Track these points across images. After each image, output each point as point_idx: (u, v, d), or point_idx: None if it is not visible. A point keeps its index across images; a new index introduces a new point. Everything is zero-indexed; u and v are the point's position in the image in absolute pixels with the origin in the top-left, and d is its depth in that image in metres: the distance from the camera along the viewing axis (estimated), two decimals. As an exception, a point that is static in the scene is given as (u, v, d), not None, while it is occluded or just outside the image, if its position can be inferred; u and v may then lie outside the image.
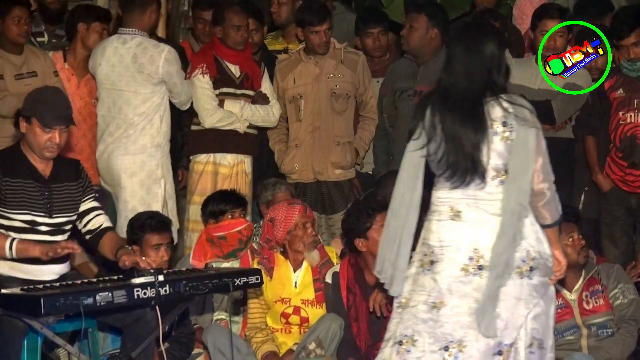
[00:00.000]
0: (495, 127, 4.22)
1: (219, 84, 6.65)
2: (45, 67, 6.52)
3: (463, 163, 4.21)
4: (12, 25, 6.40)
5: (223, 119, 6.61)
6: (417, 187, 4.32)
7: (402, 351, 4.31)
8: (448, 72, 4.31)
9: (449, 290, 4.26)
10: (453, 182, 4.26)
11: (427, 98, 4.35)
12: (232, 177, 6.66)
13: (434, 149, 4.27)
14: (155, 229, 5.49)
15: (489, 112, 4.23)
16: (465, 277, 4.25)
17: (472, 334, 4.23)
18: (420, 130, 4.30)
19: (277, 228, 5.63)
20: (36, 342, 4.63)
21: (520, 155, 4.20)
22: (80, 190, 5.05)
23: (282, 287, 5.63)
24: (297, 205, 5.68)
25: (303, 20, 6.74)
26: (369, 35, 7.08)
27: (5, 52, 6.45)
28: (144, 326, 4.85)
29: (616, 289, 5.51)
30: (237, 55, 6.68)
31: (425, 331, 4.28)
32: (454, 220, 4.28)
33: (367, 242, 5.42)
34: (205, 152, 6.68)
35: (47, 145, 4.85)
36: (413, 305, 4.32)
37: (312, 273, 5.62)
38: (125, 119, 6.40)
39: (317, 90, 6.76)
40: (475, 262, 4.24)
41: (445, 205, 4.30)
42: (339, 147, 6.74)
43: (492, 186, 4.25)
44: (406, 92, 6.60)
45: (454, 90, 4.26)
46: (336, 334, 5.40)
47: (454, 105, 4.23)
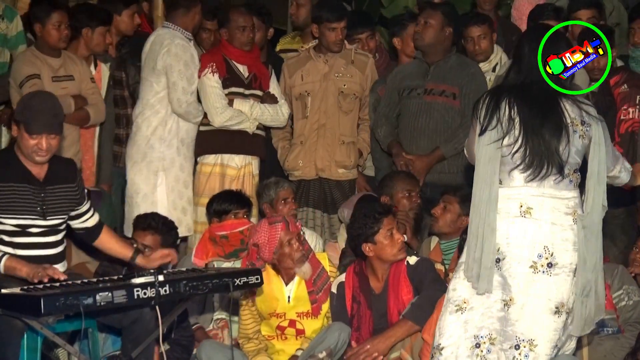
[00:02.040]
0: (575, 125, 4.30)
1: (228, 83, 6.65)
2: (83, 72, 6.58)
3: (544, 157, 4.27)
4: (52, 30, 6.43)
5: (233, 118, 6.60)
6: (495, 181, 4.34)
7: (480, 354, 4.33)
8: (517, 69, 4.38)
9: (517, 288, 4.29)
10: (528, 176, 4.29)
11: (499, 92, 4.39)
12: (239, 178, 6.65)
13: (511, 140, 4.30)
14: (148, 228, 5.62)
15: (567, 110, 4.31)
16: (535, 275, 4.28)
17: (542, 333, 4.25)
18: (495, 121, 4.32)
19: (263, 251, 5.45)
20: (36, 342, 4.62)
21: (600, 155, 4.33)
22: (77, 192, 5.05)
23: (275, 301, 5.53)
24: (278, 223, 5.45)
25: (320, 17, 6.74)
26: (356, 40, 7.05)
27: (43, 54, 6.47)
28: (142, 327, 4.85)
29: (620, 290, 5.51)
30: (245, 55, 6.69)
31: (502, 329, 4.30)
32: (524, 217, 4.32)
33: (374, 246, 5.39)
34: (213, 153, 6.66)
35: (34, 150, 4.83)
36: (486, 306, 4.35)
37: (306, 286, 5.50)
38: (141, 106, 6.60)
39: (325, 88, 6.76)
40: (544, 259, 4.28)
41: (514, 202, 4.33)
42: (344, 147, 6.74)
43: (567, 184, 4.32)
44: (415, 90, 6.57)
45: (528, 86, 4.32)
46: (344, 344, 5.36)
47: (532, 101, 4.30)
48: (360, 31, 7.09)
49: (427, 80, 6.56)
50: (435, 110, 6.51)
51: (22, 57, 6.59)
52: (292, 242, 5.42)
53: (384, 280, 5.43)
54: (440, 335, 4.44)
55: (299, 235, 5.51)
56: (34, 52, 6.52)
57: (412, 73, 6.64)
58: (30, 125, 4.80)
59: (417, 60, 6.70)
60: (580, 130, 4.34)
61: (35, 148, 4.82)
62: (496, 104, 4.34)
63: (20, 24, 7.29)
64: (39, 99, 4.92)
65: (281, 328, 5.56)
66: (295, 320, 5.55)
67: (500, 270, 4.35)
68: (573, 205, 4.37)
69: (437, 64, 6.57)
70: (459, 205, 5.78)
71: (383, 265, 5.43)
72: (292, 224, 5.51)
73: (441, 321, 4.48)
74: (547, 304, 4.32)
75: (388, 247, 5.38)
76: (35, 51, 6.52)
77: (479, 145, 4.36)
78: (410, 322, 5.18)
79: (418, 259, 5.45)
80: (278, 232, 5.42)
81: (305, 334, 5.52)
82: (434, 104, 6.51)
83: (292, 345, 5.54)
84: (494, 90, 4.48)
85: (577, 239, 4.35)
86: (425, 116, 6.51)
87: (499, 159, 4.33)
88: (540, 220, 4.31)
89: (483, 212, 4.33)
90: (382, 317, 5.41)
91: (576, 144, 4.33)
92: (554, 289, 4.33)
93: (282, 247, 5.42)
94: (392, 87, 6.69)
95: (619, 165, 4.54)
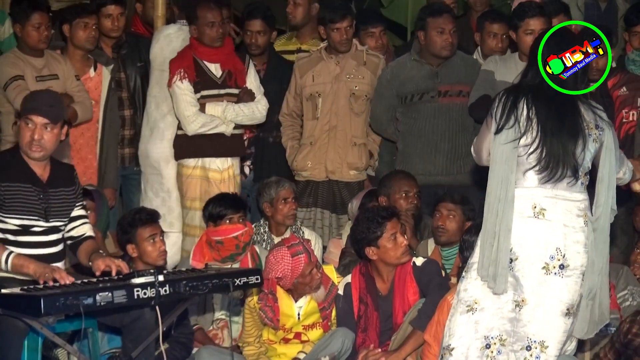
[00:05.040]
0: (590, 129, 4.33)
1: (199, 87, 6.49)
2: (67, 71, 6.53)
3: (561, 160, 4.27)
4: (32, 31, 6.38)
5: (206, 124, 6.46)
6: (512, 180, 4.33)
7: (490, 355, 4.33)
8: (535, 69, 4.39)
9: (530, 289, 4.30)
10: (543, 177, 4.29)
11: (516, 91, 4.39)
12: (224, 181, 6.55)
13: (528, 141, 4.31)
14: (145, 221, 5.52)
15: (583, 114, 4.33)
16: (547, 276, 4.28)
17: (553, 335, 4.26)
18: (513, 121, 4.32)
19: (284, 282, 5.39)
20: (36, 342, 4.61)
21: (611, 160, 4.36)
22: (74, 196, 5.03)
23: (285, 318, 5.48)
24: (301, 255, 5.33)
25: (324, 18, 6.73)
26: (370, 34, 7.05)
27: (25, 55, 6.44)
28: (143, 326, 4.84)
29: (625, 290, 5.52)
30: (216, 53, 6.53)
31: (512, 330, 4.30)
32: (537, 218, 4.32)
33: (378, 250, 5.36)
34: (192, 157, 6.56)
35: (29, 141, 4.80)
36: (497, 307, 4.35)
37: (318, 304, 5.46)
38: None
39: (337, 89, 6.72)
40: (557, 261, 4.28)
41: (527, 202, 4.33)
42: (356, 148, 6.72)
43: (578, 186, 4.34)
44: (428, 94, 6.55)
45: (547, 86, 4.33)
46: (348, 350, 5.35)
47: (551, 102, 4.30)
48: (375, 25, 7.08)
49: (437, 82, 6.54)
50: (454, 111, 6.52)
51: (4, 58, 6.53)
52: (313, 272, 5.37)
53: (390, 282, 5.42)
54: (450, 335, 4.42)
55: (318, 263, 5.48)
56: (16, 53, 6.47)
57: (415, 76, 6.60)
58: (26, 107, 4.81)
59: (413, 62, 6.66)
60: (594, 133, 4.35)
61: (30, 139, 4.80)
62: (513, 103, 4.33)
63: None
64: (40, 90, 4.97)
65: (286, 340, 5.55)
66: (300, 332, 5.53)
67: (512, 270, 4.34)
68: (584, 208, 4.37)
69: (445, 65, 6.57)
70: (461, 211, 5.77)
71: (388, 268, 5.41)
72: (312, 254, 5.45)
73: (451, 322, 4.46)
74: (558, 306, 4.31)
75: (391, 251, 5.35)
76: (17, 52, 6.48)
77: (494, 144, 4.35)
78: (419, 332, 5.14)
79: (425, 260, 5.43)
80: (301, 265, 5.35)
81: (309, 341, 5.52)
82: (452, 106, 6.53)
83: (294, 348, 5.53)
84: (511, 89, 4.47)
85: (588, 241, 4.35)
86: (443, 119, 6.51)
87: (516, 158, 4.32)
88: (553, 221, 4.31)
89: (500, 212, 4.32)
90: (388, 319, 5.39)
91: (590, 148, 4.35)
92: (565, 291, 4.33)
93: (303, 278, 5.36)
94: (390, 93, 6.64)
95: (624, 167, 4.56)
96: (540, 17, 6.27)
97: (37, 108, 4.81)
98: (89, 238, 5.03)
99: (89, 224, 5.11)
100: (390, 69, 6.74)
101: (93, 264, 4.81)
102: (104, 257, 4.86)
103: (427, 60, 6.59)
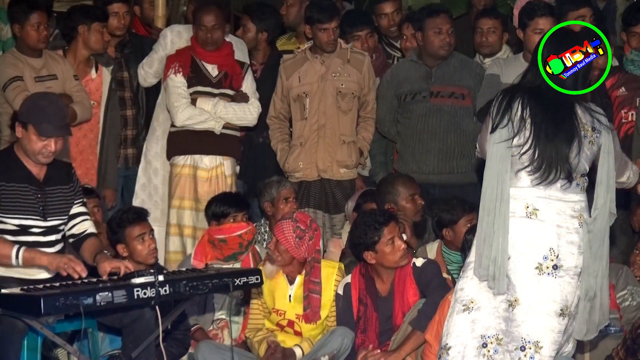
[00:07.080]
0: (586, 131, 4.31)
1: (193, 82, 6.55)
2: (65, 71, 6.51)
3: (554, 163, 4.27)
4: (31, 31, 6.37)
5: (193, 117, 6.50)
6: (506, 179, 4.33)
7: (487, 354, 4.33)
8: (535, 71, 4.39)
9: (522, 288, 4.30)
10: (536, 179, 4.29)
11: (513, 91, 4.39)
12: (211, 180, 6.56)
13: (521, 141, 4.31)
14: (133, 220, 5.52)
15: (579, 116, 4.32)
16: (540, 276, 4.28)
17: (547, 335, 4.26)
18: (506, 120, 4.33)
19: (298, 249, 5.50)
20: (36, 342, 4.62)
21: (609, 163, 4.35)
22: (72, 194, 5.04)
23: (278, 297, 5.56)
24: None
25: (311, 18, 6.71)
26: (357, 38, 7.04)
27: (24, 55, 6.43)
28: (143, 326, 4.84)
29: (624, 290, 5.51)
30: (213, 54, 6.59)
31: (507, 329, 4.31)
32: (530, 218, 4.31)
33: (376, 255, 5.37)
34: (182, 154, 6.57)
35: (42, 152, 4.83)
36: (493, 306, 4.35)
37: (303, 290, 5.52)
38: None
39: (323, 88, 6.71)
40: (550, 261, 4.28)
41: (519, 202, 4.32)
42: (345, 146, 6.71)
43: (574, 187, 4.33)
44: (420, 94, 6.58)
45: (545, 88, 4.32)
46: (347, 349, 5.36)
47: (547, 105, 4.30)
48: (361, 28, 7.07)
49: (431, 83, 6.57)
50: (445, 112, 6.54)
51: (3, 59, 6.51)
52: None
53: (390, 283, 5.42)
54: (448, 335, 4.42)
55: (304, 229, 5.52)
56: (15, 53, 6.46)
57: (411, 77, 6.64)
58: (43, 128, 4.80)
59: (411, 63, 6.69)
60: (590, 135, 4.34)
61: (44, 150, 4.82)
62: (508, 103, 4.34)
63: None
64: (47, 100, 4.91)
65: (280, 326, 5.59)
66: (293, 321, 5.56)
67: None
68: (579, 209, 4.36)
69: (440, 66, 6.59)
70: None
71: (387, 270, 5.42)
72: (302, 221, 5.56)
73: (448, 321, 4.46)
74: (552, 306, 4.31)
75: (390, 255, 5.36)
76: (16, 52, 6.46)
77: (489, 143, 4.36)
78: (419, 332, 5.16)
79: (425, 261, 5.44)
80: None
81: (302, 336, 5.54)
82: (443, 106, 6.54)
83: (290, 338, 5.57)
84: (508, 89, 4.47)
85: (583, 243, 4.34)
86: (434, 119, 6.52)
87: (510, 157, 4.33)
88: (546, 221, 4.30)
89: (495, 211, 4.32)
90: (388, 320, 5.40)
91: (586, 151, 4.34)
92: (558, 291, 4.32)
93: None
94: (390, 94, 6.68)
95: (628, 170, 4.55)
96: (549, 17, 6.28)
97: (55, 129, 4.81)
98: (91, 235, 5.04)
99: (89, 221, 5.11)
100: (391, 70, 6.81)
101: (99, 266, 4.81)
102: (110, 259, 4.87)
103: (424, 61, 6.63)
